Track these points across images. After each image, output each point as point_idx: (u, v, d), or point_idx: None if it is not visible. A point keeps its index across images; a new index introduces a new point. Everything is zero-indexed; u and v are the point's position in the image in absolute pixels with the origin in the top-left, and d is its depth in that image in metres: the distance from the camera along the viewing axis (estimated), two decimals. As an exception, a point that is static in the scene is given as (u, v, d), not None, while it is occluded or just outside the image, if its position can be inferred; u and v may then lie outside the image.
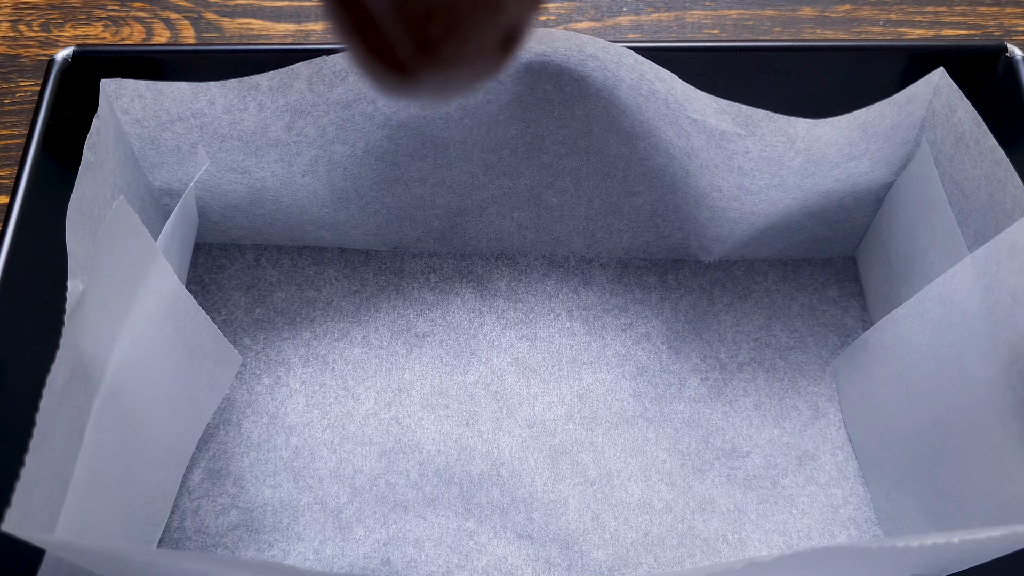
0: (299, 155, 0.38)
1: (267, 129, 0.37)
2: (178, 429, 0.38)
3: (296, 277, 0.44)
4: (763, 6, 0.51)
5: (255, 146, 0.38)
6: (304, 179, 0.39)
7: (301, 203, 0.40)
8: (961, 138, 0.34)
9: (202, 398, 0.39)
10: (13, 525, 0.25)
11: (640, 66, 0.35)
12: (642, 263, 0.44)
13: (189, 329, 0.37)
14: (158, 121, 0.37)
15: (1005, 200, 0.33)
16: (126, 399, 0.33)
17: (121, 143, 0.37)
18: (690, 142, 0.36)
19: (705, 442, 0.40)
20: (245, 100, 0.36)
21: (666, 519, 0.39)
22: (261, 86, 0.36)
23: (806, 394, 0.41)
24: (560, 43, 0.35)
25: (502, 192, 0.41)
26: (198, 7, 0.52)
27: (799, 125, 0.35)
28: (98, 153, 0.35)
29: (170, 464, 0.38)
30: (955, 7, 0.51)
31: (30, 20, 0.52)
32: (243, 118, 0.37)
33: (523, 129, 0.38)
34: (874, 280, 0.42)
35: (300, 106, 0.36)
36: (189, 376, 0.38)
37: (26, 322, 0.35)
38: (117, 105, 0.37)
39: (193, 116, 0.37)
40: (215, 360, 0.39)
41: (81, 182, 0.34)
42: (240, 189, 0.40)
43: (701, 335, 0.43)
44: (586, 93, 0.36)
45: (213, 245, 0.45)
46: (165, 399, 0.36)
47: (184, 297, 0.36)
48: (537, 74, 0.36)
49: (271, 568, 0.25)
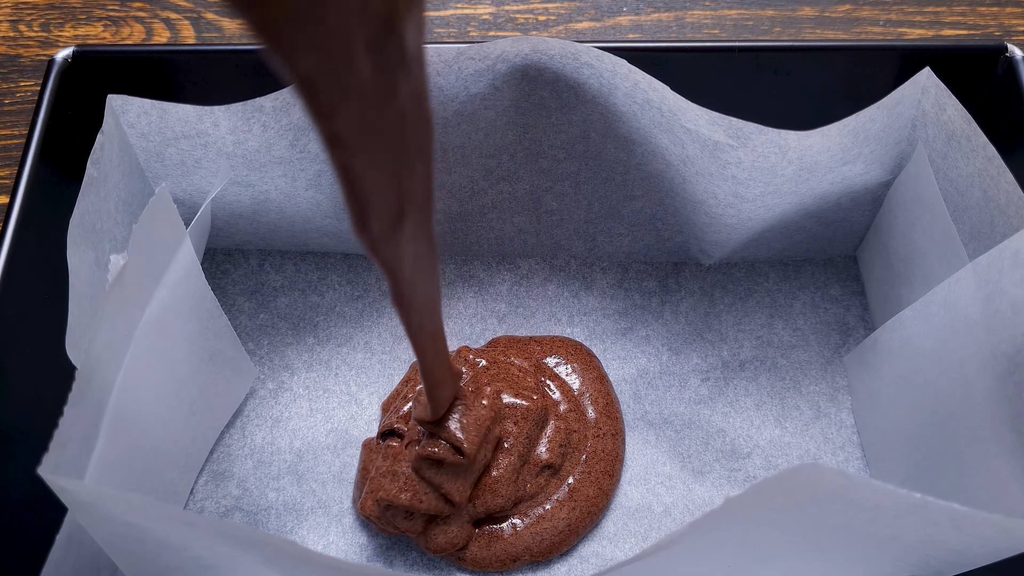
0: (303, 171, 0.38)
1: (271, 148, 0.37)
2: (193, 432, 0.38)
3: (299, 282, 0.44)
4: (763, 6, 0.51)
5: (259, 163, 0.38)
6: (308, 192, 0.39)
7: (304, 213, 0.40)
8: (952, 136, 0.34)
9: (218, 405, 0.40)
10: (49, 470, 0.26)
11: (634, 75, 0.35)
12: (643, 266, 0.44)
13: (211, 331, 0.38)
14: (163, 137, 0.37)
15: (999, 196, 0.33)
16: (145, 387, 0.34)
17: (126, 155, 0.37)
18: (685, 150, 0.36)
19: (705, 444, 0.40)
20: (249, 122, 0.37)
21: (665, 522, 0.39)
22: (264, 108, 0.36)
23: (808, 394, 0.41)
24: (555, 50, 0.35)
25: (502, 197, 0.41)
26: (198, 7, 0.52)
27: (790, 137, 0.35)
28: (102, 168, 0.35)
29: (183, 467, 0.38)
30: (955, 7, 0.51)
31: (30, 20, 0.52)
32: (247, 138, 0.37)
33: (521, 134, 0.38)
34: (875, 280, 0.42)
35: (303, 123, 0.36)
36: (208, 379, 0.38)
37: (26, 322, 0.35)
38: (124, 119, 0.37)
39: (197, 135, 0.37)
40: (232, 369, 0.40)
41: (84, 198, 0.34)
42: (244, 200, 0.40)
43: (702, 335, 0.43)
44: (582, 99, 0.36)
45: (217, 250, 0.45)
46: (184, 397, 0.37)
47: (210, 299, 0.37)
48: (533, 81, 0.36)
49: (289, 546, 0.25)
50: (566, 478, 0.38)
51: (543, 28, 0.51)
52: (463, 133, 0.38)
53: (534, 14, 0.52)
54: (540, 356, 0.41)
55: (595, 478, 0.38)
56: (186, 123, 0.37)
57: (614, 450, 0.39)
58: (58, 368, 0.32)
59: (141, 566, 0.32)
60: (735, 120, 0.35)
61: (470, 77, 0.36)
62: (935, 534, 0.26)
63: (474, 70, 0.36)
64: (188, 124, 0.37)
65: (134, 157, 0.38)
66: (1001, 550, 0.27)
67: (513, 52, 0.35)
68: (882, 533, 0.26)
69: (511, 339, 0.42)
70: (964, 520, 0.24)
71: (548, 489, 0.38)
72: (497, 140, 0.39)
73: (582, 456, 0.39)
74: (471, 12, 0.52)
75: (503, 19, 0.51)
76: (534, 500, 0.38)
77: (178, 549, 0.29)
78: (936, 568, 0.29)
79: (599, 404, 0.40)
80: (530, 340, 0.42)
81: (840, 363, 0.42)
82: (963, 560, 0.28)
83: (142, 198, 0.39)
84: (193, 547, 0.29)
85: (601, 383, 0.41)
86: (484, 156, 0.39)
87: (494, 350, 0.41)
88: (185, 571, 0.32)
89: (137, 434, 0.33)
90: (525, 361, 0.41)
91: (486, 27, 0.51)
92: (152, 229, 0.32)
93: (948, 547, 0.26)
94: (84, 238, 0.34)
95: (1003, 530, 0.25)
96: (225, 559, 0.29)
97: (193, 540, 0.28)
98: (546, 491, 0.38)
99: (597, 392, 0.40)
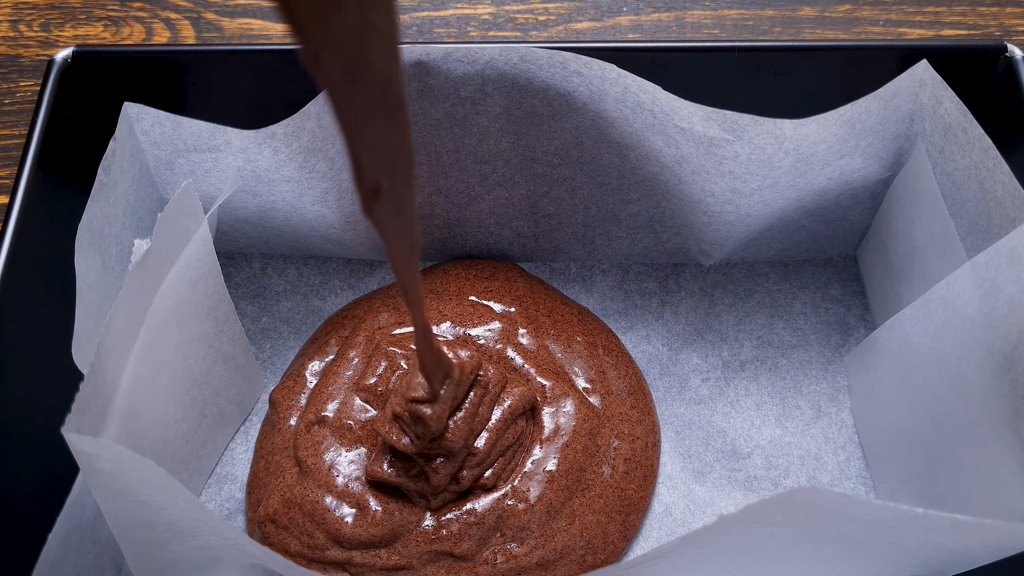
0: (310, 189, 0.38)
1: (281, 168, 0.38)
2: (203, 436, 0.39)
3: (302, 286, 0.44)
4: (763, 6, 0.51)
5: (268, 180, 0.38)
6: (314, 207, 0.39)
7: (310, 223, 0.41)
8: (949, 129, 0.34)
9: (229, 411, 0.40)
10: (71, 429, 0.26)
11: (624, 79, 0.35)
12: (642, 268, 0.44)
13: (226, 335, 0.38)
14: (174, 148, 0.38)
15: (995, 188, 0.33)
16: (161, 378, 0.34)
17: (137, 162, 0.37)
18: (680, 150, 0.36)
19: (706, 444, 0.40)
20: (260, 146, 0.37)
21: (666, 522, 0.39)
22: (276, 134, 0.36)
23: (808, 393, 0.41)
24: (544, 60, 0.35)
25: (499, 203, 0.41)
26: (198, 7, 0.52)
27: (785, 126, 0.35)
28: (112, 174, 0.35)
29: (192, 470, 0.38)
30: (955, 7, 0.51)
31: (30, 20, 0.52)
32: (257, 158, 0.37)
33: (514, 141, 0.38)
34: (876, 279, 0.42)
35: (312, 145, 0.36)
36: (220, 383, 0.39)
37: (26, 322, 0.35)
38: (137, 127, 0.37)
39: (209, 150, 0.38)
40: (244, 375, 0.40)
41: (93, 203, 0.34)
42: (250, 207, 0.40)
43: (703, 335, 0.43)
44: (573, 107, 0.36)
45: (220, 253, 0.44)
46: (197, 397, 0.37)
47: (227, 302, 0.38)
48: (523, 90, 0.36)
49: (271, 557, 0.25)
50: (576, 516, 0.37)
51: (543, 28, 0.51)
52: (456, 137, 0.38)
53: (534, 14, 0.52)
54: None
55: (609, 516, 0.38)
56: (199, 137, 0.37)
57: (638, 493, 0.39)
58: (58, 369, 0.32)
59: (148, 556, 0.32)
60: (730, 113, 0.35)
61: (459, 80, 0.36)
62: (936, 539, 0.26)
63: (463, 73, 0.36)
64: (201, 139, 0.37)
65: (145, 164, 0.38)
66: (1002, 550, 0.27)
67: (502, 61, 0.35)
68: (883, 540, 0.26)
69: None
70: (966, 525, 0.24)
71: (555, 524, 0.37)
72: (491, 146, 0.39)
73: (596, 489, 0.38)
74: (471, 12, 0.52)
75: (503, 19, 0.51)
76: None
77: (187, 535, 0.30)
78: (937, 568, 0.29)
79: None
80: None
81: (841, 363, 0.42)
82: (964, 560, 0.28)
83: (151, 205, 0.39)
84: (201, 534, 0.29)
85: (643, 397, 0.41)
86: (478, 162, 0.39)
87: None
88: (191, 562, 0.32)
89: (151, 424, 0.34)
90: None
91: (486, 27, 0.51)
92: (176, 220, 0.33)
93: (949, 549, 0.27)
94: (92, 243, 0.34)
95: (1005, 532, 0.25)
96: (231, 551, 0.29)
97: (202, 526, 0.28)
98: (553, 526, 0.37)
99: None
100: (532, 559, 0.36)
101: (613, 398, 0.40)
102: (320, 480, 0.37)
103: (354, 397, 0.39)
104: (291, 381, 0.40)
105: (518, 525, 0.36)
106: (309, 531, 0.36)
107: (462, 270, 0.43)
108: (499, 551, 0.36)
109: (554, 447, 0.38)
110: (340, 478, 0.37)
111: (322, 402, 0.39)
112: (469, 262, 0.44)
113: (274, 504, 0.37)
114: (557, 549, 0.36)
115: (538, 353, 0.40)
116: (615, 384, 0.40)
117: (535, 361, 0.40)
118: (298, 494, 0.37)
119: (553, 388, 0.39)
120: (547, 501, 0.37)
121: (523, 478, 0.37)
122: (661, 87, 0.35)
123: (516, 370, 0.40)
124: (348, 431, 0.38)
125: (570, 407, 0.39)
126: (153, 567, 0.32)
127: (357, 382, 0.39)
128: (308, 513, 0.36)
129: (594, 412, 0.39)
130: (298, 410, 0.39)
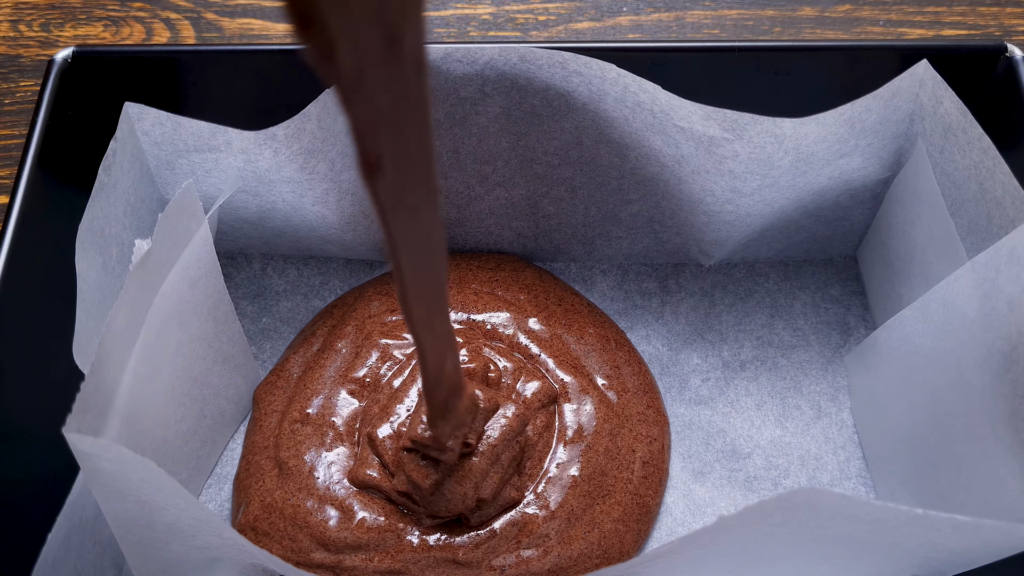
0: (311, 190, 0.38)
1: (281, 170, 0.38)
2: (203, 436, 0.39)
3: (302, 287, 0.44)
4: (763, 6, 0.51)
5: (268, 181, 0.38)
6: (315, 208, 0.39)
7: (310, 223, 0.41)
8: (949, 129, 0.34)
9: (228, 411, 0.40)
10: (72, 430, 0.26)
11: (623, 79, 0.35)
12: (642, 268, 0.44)
13: (226, 335, 0.38)
14: (175, 148, 0.38)
15: (995, 188, 0.33)
16: (161, 378, 0.34)
17: (137, 162, 0.37)
18: (679, 150, 0.36)
19: (706, 444, 0.40)
20: (261, 147, 0.37)
21: (666, 521, 0.39)
22: (277, 136, 0.36)
23: (808, 393, 0.41)
24: (543, 60, 0.35)
25: (499, 203, 0.41)
26: (198, 7, 0.52)
27: (785, 125, 0.35)
28: (112, 174, 0.35)
29: (192, 469, 0.38)
30: (955, 7, 0.51)
31: (30, 20, 0.52)
32: (258, 159, 0.37)
33: (514, 142, 0.38)
34: (876, 279, 0.42)
35: (312, 147, 0.36)
36: (220, 383, 0.39)
37: (26, 322, 0.35)
38: (138, 127, 0.37)
39: (209, 150, 0.38)
40: (243, 376, 0.40)
41: (93, 203, 0.34)
42: (251, 207, 0.40)
43: (703, 335, 0.43)
44: (573, 107, 0.36)
45: (220, 253, 0.44)
46: (197, 396, 0.37)
47: (227, 303, 0.38)
48: (523, 90, 0.36)
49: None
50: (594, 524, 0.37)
51: (543, 28, 0.51)
52: (455, 137, 0.38)
53: (534, 14, 0.52)
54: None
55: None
56: (199, 138, 0.37)
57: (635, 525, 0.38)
58: (58, 369, 0.32)
59: (148, 556, 0.32)
60: (730, 112, 0.35)
61: (459, 80, 0.36)
62: (936, 539, 0.26)
63: (462, 73, 0.36)
64: (201, 139, 0.37)
65: (145, 164, 0.38)
66: (1002, 550, 0.27)
67: (502, 61, 0.35)
68: (883, 541, 0.26)
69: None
70: (966, 525, 0.24)
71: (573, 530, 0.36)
72: (490, 146, 0.39)
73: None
74: (471, 12, 0.52)
75: (503, 19, 0.51)
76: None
77: (187, 535, 0.30)
78: (937, 568, 0.29)
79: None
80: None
81: (841, 363, 0.42)
82: (964, 561, 0.28)
83: (151, 204, 0.39)
84: (202, 534, 0.29)
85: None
86: (478, 162, 0.39)
87: None
88: (191, 562, 0.32)
89: (151, 424, 0.34)
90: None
91: (486, 27, 0.51)
92: (177, 220, 0.34)
93: (949, 549, 0.27)
94: (92, 243, 0.34)
95: (1005, 532, 0.25)
96: (231, 551, 0.29)
97: (202, 526, 0.28)
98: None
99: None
100: (544, 565, 0.35)
101: (630, 396, 0.40)
102: (301, 482, 0.36)
103: (340, 391, 0.38)
104: (274, 376, 0.40)
105: (537, 533, 0.36)
106: (291, 535, 0.36)
107: (463, 261, 0.43)
108: (511, 558, 0.35)
109: (577, 449, 0.37)
110: (322, 479, 0.36)
111: (306, 399, 0.38)
112: (471, 255, 0.44)
113: (254, 511, 0.36)
114: (573, 557, 0.36)
115: (552, 342, 0.40)
116: (630, 381, 0.40)
117: (551, 351, 0.39)
118: (279, 498, 0.36)
119: (573, 384, 0.39)
120: (569, 508, 0.36)
121: (547, 484, 0.36)
122: (661, 87, 0.35)
123: (532, 358, 0.39)
124: (332, 429, 0.38)
125: (591, 406, 0.38)
126: (153, 567, 0.32)
127: (345, 373, 0.39)
128: (289, 517, 0.36)
129: (614, 411, 0.39)
130: (280, 407, 0.39)
